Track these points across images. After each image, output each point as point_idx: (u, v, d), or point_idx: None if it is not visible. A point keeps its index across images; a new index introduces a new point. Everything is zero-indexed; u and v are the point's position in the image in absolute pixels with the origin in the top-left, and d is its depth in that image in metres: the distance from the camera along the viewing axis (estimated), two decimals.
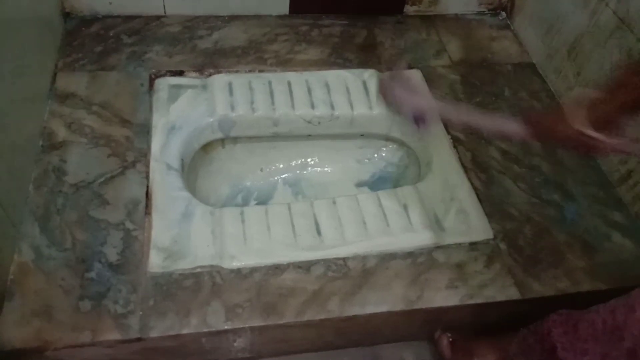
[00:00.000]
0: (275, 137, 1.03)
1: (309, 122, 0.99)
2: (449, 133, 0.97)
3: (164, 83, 0.98)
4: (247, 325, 0.71)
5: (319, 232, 0.81)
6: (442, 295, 0.77)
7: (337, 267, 0.78)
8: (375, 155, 1.08)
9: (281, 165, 1.08)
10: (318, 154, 1.08)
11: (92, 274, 0.73)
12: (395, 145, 1.06)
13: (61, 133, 0.88)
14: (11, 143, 0.78)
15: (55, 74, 0.96)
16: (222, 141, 1.03)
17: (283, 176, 1.08)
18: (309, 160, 1.09)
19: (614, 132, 0.60)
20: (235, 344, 0.76)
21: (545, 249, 0.84)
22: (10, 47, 0.78)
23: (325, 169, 1.08)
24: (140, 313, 0.70)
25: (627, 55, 0.89)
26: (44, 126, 0.88)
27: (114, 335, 0.68)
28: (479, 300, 0.77)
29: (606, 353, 0.63)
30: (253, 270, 0.76)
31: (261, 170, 1.07)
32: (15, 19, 0.81)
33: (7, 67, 0.77)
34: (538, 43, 1.12)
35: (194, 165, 0.98)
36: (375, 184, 1.07)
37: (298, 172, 1.08)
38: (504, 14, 1.23)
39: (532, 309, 0.79)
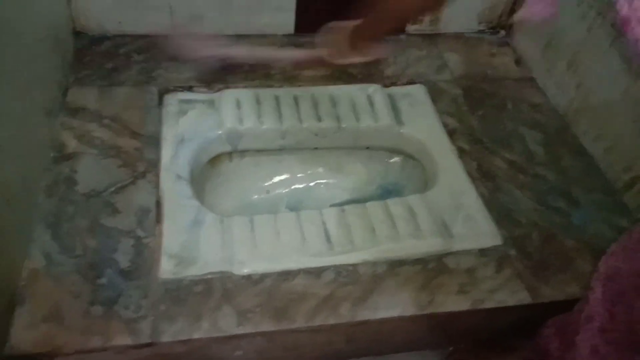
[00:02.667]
0: (282, 151, 1.04)
1: (316, 134, 1.00)
2: (453, 144, 0.98)
3: (173, 98, 1.00)
4: (258, 330, 0.70)
5: (328, 239, 0.82)
6: (453, 300, 0.76)
7: (347, 273, 0.78)
8: (381, 167, 1.09)
9: (287, 180, 1.09)
10: (324, 168, 1.09)
11: (103, 280, 0.73)
12: (401, 157, 1.07)
13: (72, 145, 0.89)
14: (23, 154, 0.79)
15: (66, 89, 0.97)
16: (229, 154, 1.04)
17: (288, 191, 1.08)
18: (314, 174, 1.10)
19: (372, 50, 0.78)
20: (244, 352, 0.76)
21: (553, 254, 0.84)
22: (23, 64, 0.80)
23: (331, 181, 1.09)
24: (152, 318, 0.70)
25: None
26: (55, 138, 0.89)
27: (125, 340, 0.68)
28: (491, 305, 0.77)
29: (586, 341, 0.63)
30: (263, 276, 0.76)
31: (267, 192, 1.08)
32: (28, 38, 0.83)
33: (20, 82, 0.79)
34: (537, 58, 1.15)
35: (201, 180, 0.99)
36: (382, 196, 1.07)
37: (304, 186, 1.09)
38: (503, 32, 1.26)
39: (543, 314, 0.79)
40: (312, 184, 1.08)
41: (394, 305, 0.75)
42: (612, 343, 0.58)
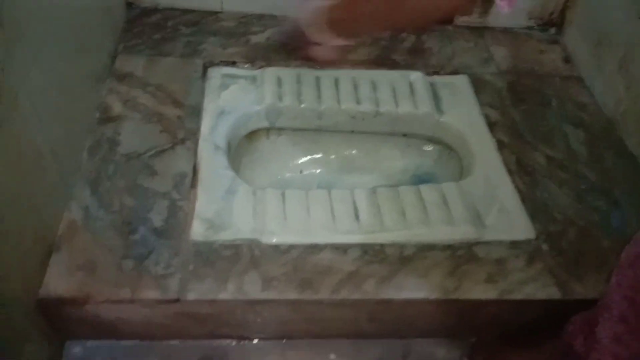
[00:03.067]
0: (318, 132, 1.05)
1: (353, 117, 1.00)
2: (493, 136, 0.97)
3: (217, 72, 1.02)
4: (282, 297, 0.71)
5: (357, 218, 0.82)
6: (480, 288, 0.75)
7: (374, 252, 0.78)
8: (417, 156, 1.08)
9: (321, 162, 1.09)
10: (359, 152, 1.09)
11: (137, 237, 0.75)
12: (438, 148, 1.06)
13: (117, 108, 0.92)
14: (71, 114, 0.82)
15: (115, 56, 1.01)
16: (267, 131, 1.06)
17: (320, 172, 1.09)
18: (349, 158, 1.10)
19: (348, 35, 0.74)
20: (268, 319, 0.76)
21: (589, 253, 0.82)
22: (76, 31, 0.83)
23: (365, 166, 1.09)
24: (180, 276, 0.71)
25: None
26: (101, 101, 0.92)
27: (153, 294, 0.69)
28: (519, 297, 0.75)
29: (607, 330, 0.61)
30: (291, 247, 0.77)
31: (301, 172, 1.09)
32: (82, 7, 0.87)
33: (72, 47, 0.82)
34: (587, 57, 1.12)
35: (238, 154, 1.00)
36: (415, 184, 1.06)
37: (337, 168, 1.09)
38: (553, 29, 1.23)
39: (573, 312, 0.76)
40: (345, 167, 1.09)
41: (419, 287, 0.74)
42: (635, 331, 0.56)
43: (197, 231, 0.77)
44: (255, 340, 0.81)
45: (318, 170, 1.08)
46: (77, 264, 0.71)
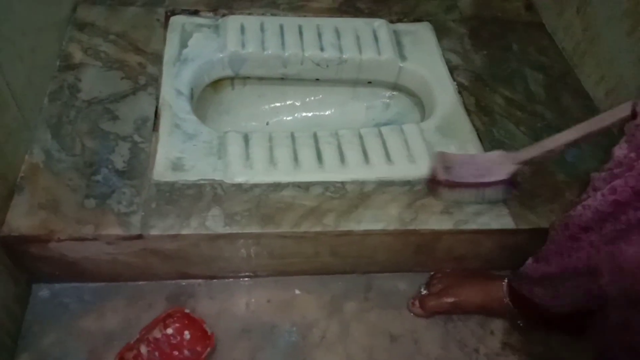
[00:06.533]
0: (283, 83, 1.06)
1: (318, 64, 1.01)
2: (454, 80, 0.99)
3: (179, 20, 1.01)
4: (245, 231, 0.73)
5: (319, 159, 0.83)
6: (436, 219, 0.78)
7: (335, 189, 0.80)
8: (381, 103, 1.10)
9: (287, 112, 1.10)
10: (324, 101, 1.11)
11: (99, 177, 0.76)
12: (401, 94, 1.08)
13: (78, 56, 0.91)
14: (34, 62, 0.82)
15: (76, 6, 0.99)
16: (231, 82, 1.06)
17: (287, 122, 1.09)
18: (314, 108, 1.11)
19: None
20: (232, 257, 0.78)
21: (543, 186, 0.85)
22: None
23: (330, 116, 1.10)
24: (142, 213, 0.73)
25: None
26: (62, 49, 0.92)
27: (116, 231, 0.71)
28: (473, 227, 0.78)
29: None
30: (254, 186, 0.78)
31: (267, 123, 1.10)
32: None
33: None
34: (549, 3, 1.13)
35: (203, 105, 1.01)
36: None
37: (303, 118, 1.10)
38: None
39: (527, 242, 0.80)
40: (310, 115, 1.10)
41: (378, 219, 0.77)
42: None
43: (160, 171, 0.78)
44: (222, 279, 0.83)
45: (284, 121, 1.09)
46: (40, 203, 0.72)
